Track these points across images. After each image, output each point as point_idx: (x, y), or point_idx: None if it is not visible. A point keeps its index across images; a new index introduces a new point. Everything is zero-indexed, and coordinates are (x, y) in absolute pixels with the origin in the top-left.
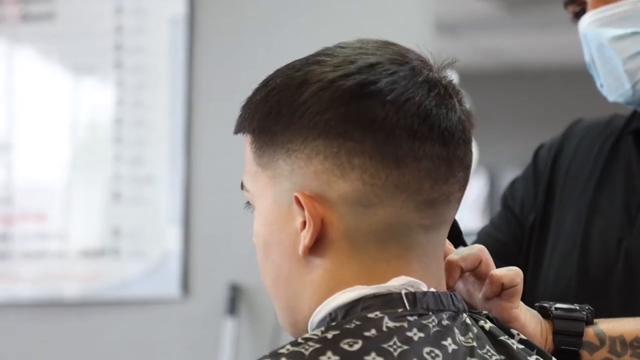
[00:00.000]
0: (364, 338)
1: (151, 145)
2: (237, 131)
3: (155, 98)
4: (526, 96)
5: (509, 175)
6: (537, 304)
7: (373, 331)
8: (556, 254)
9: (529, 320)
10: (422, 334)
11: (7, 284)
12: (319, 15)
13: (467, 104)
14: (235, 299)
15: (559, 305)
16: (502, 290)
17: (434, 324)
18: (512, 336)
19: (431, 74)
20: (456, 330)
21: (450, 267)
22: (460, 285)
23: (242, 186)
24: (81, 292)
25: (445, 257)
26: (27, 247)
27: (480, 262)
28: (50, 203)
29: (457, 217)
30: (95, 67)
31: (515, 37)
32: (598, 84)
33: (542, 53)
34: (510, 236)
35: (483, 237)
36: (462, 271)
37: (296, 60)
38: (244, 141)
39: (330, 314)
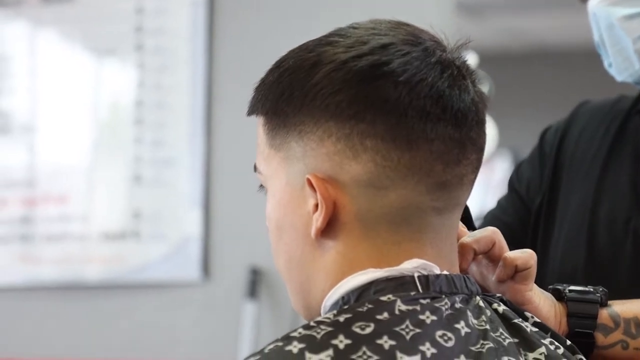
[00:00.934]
0: (376, 321)
1: (171, 127)
2: (250, 113)
3: (175, 80)
4: (551, 77)
5: None
6: (550, 286)
7: (385, 314)
8: (563, 236)
9: (542, 303)
10: (434, 317)
11: (30, 266)
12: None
13: (482, 85)
14: (255, 282)
15: (572, 287)
16: (515, 272)
17: (446, 307)
18: (525, 319)
19: (444, 54)
20: (469, 313)
21: (463, 249)
22: (473, 268)
23: (255, 168)
24: (103, 275)
25: (458, 239)
26: (49, 230)
27: (493, 245)
28: (72, 185)
29: (481, 200)
30: (116, 50)
31: (539, 17)
32: (606, 63)
33: (566, 33)
34: (516, 219)
35: (490, 220)
36: (476, 254)
37: (309, 41)
38: (257, 123)
39: (342, 297)
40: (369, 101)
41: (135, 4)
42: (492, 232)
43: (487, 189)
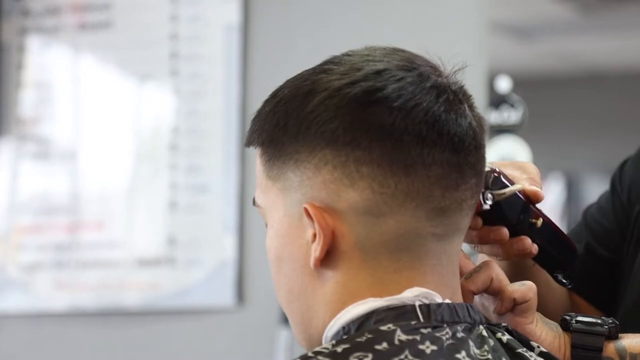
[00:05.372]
0: (375, 351)
1: (206, 153)
2: (247, 144)
3: (210, 106)
4: (604, 100)
5: (587, 181)
6: (560, 316)
7: (384, 344)
8: None
9: (545, 335)
10: (434, 347)
11: (68, 292)
12: (373, 19)
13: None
14: None
15: (580, 318)
16: (514, 305)
17: (447, 336)
18: (531, 349)
19: (440, 79)
20: (471, 343)
21: (462, 293)
22: (476, 299)
23: (254, 202)
24: (139, 301)
25: (462, 272)
26: (87, 256)
27: (491, 281)
28: (109, 212)
29: None
30: (152, 76)
31: (591, 40)
32: None
33: (619, 56)
34: (614, 223)
35: (589, 222)
36: (474, 294)
37: (304, 71)
38: (256, 155)
39: (343, 327)
40: (364, 127)
41: (170, 30)
42: (489, 267)
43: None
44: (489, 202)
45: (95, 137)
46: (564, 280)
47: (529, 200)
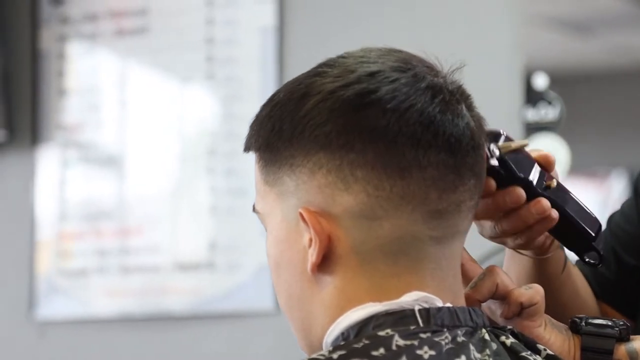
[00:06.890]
0: (371, 357)
1: (244, 157)
2: (246, 149)
3: (246, 109)
4: None
5: None
6: (570, 318)
7: (381, 350)
8: None
9: (554, 339)
10: (433, 352)
11: (111, 298)
12: (410, 21)
13: (477, 109)
14: None
15: (591, 320)
16: (521, 309)
17: (447, 340)
18: (537, 352)
19: (436, 79)
20: (472, 347)
21: (468, 302)
22: (482, 303)
23: (254, 208)
24: (182, 306)
25: (470, 276)
26: (134, 261)
27: (496, 287)
28: (154, 216)
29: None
30: (189, 79)
31: None
32: None
33: None
34: (639, 228)
35: (614, 229)
36: (481, 302)
37: (301, 74)
38: (254, 160)
39: (342, 333)
40: (357, 130)
41: (206, 34)
42: (493, 274)
43: (604, 209)
44: (496, 154)
45: (138, 141)
46: (592, 261)
47: (541, 167)
